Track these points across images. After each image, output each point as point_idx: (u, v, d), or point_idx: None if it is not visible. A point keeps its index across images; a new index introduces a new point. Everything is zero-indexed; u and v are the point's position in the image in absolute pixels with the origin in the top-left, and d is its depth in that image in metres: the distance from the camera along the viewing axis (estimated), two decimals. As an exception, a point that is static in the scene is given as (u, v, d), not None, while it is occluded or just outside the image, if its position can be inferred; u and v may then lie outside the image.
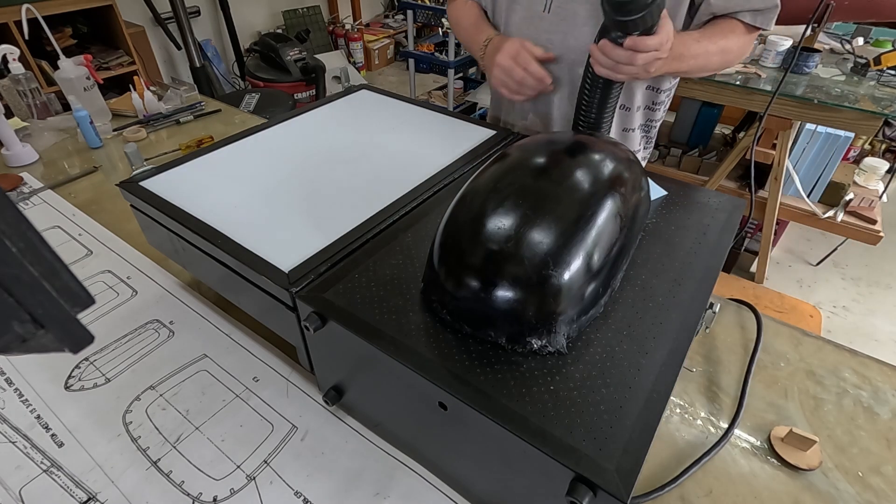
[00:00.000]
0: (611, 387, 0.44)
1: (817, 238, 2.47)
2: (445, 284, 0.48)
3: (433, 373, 0.44)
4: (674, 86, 0.97)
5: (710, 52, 0.80)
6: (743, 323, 0.76)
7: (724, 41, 0.81)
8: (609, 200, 0.50)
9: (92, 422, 0.64)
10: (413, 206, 0.66)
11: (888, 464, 0.59)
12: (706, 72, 0.84)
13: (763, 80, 1.78)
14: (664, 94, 0.95)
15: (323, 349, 0.57)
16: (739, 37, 0.82)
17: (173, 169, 0.75)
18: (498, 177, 0.52)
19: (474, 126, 0.88)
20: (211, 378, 0.69)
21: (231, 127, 1.35)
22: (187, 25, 2.85)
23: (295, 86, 2.97)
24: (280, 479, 0.58)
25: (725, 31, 0.81)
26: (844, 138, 1.88)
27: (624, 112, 0.95)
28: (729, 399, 0.65)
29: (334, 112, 0.93)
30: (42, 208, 1.03)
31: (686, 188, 0.72)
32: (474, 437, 0.45)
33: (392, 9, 4.72)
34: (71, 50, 2.34)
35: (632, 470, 0.37)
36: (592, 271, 0.46)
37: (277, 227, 0.63)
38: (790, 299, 1.50)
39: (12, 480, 0.57)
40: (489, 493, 0.51)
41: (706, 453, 0.58)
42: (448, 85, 3.08)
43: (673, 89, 0.98)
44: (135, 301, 0.81)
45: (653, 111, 0.98)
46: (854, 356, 0.71)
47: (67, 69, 1.25)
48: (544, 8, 0.88)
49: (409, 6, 3.02)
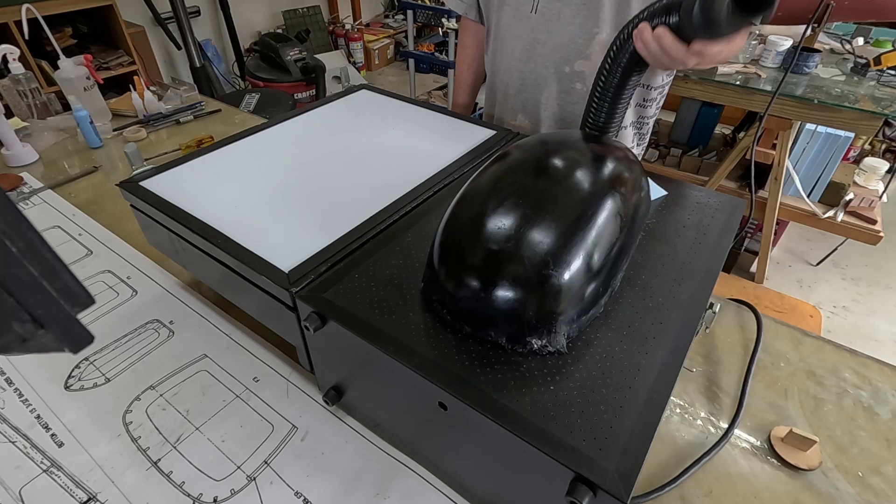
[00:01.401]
0: (611, 387, 0.44)
1: (817, 238, 2.47)
2: (445, 284, 0.48)
3: (433, 373, 0.44)
4: (666, 84, 0.97)
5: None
6: (743, 323, 0.76)
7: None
8: (609, 200, 0.50)
9: (92, 422, 0.63)
10: (413, 206, 0.66)
11: (888, 464, 0.59)
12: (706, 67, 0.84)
13: (763, 80, 1.78)
14: (655, 91, 0.95)
15: (323, 349, 0.57)
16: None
17: (173, 169, 0.75)
18: (498, 177, 0.52)
19: (474, 126, 0.88)
20: (211, 378, 0.69)
21: (231, 127, 1.35)
22: (187, 25, 2.85)
23: (295, 86, 2.97)
24: (280, 479, 0.57)
25: None
26: (844, 138, 1.88)
27: None
28: (729, 399, 0.65)
29: (334, 112, 0.93)
30: (42, 208, 1.03)
31: (686, 188, 0.72)
32: (474, 437, 0.45)
33: (392, 9, 4.72)
34: (71, 50, 2.34)
35: (632, 470, 0.37)
36: (592, 271, 0.46)
37: (278, 227, 0.63)
38: (790, 299, 1.50)
39: (12, 480, 0.57)
40: (489, 493, 0.51)
41: (706, 453, 0.58)
42: (448, 85, 3.08)
43: (666, 87, 0.98)
44: (135, 301, 0.81)
45: (644, 108, 0.98)
46: (854, 356, 0.71)
47: (67, 69, 1.25)
48: (531, 8, 0.90)
49: (409, 6, 3.03)
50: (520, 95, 1.00)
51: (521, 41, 0.94)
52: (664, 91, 0.98)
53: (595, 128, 0.65)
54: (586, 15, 0.86)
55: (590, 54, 0.89)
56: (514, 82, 1.00)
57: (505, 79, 1.02)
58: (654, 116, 1.01)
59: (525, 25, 0.92)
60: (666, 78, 0.96)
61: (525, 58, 0.95)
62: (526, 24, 0.92)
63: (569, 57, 0.91)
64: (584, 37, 0.88)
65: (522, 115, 1.03)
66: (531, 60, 0.95)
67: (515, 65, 0.97)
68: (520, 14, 0.92)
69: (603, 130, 0.65)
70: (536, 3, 0.89)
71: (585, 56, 0.90)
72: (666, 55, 0.58)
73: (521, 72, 0.97)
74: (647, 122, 1.01)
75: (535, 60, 0.95)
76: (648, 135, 1.04)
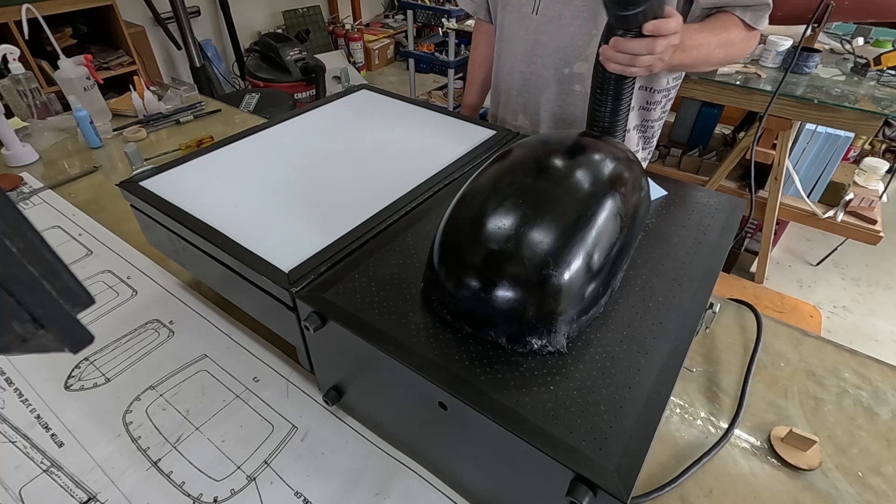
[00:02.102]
0: (611, 387, 0.44)
1: (817, 238, 2.46)
2: (445, 284, 0.48)
3: (433, 373, 0.44)
4: (672, 87, 0.97)
5: (711, 44, 0.78)
6: (743, 323, 0.76)
7: (726, 34, 0.79)
8: (609, 200, 0.50)
9: (92, 422, 0.63)
10: (413, 206, 0.66)
11: (888, 464, 0.59)
12: (709, 65, 0.83)
13: (763, 80, 1.78)
14: (660, 95, 0.95)
15: (323, 349, 0.57)
16: (740, 31, 0.81)
17: (173, 169, 0.75)
18: (498, 177, 0.52)
19: (474, 126, 0.88)
20: (211, 378, 0.69)
21: (231, 127, 1.35)
22: (187, 25, 2.85)
23: (295, 86, 2.97)
24: (280, 479, 0.57)
25: (727, 24, 0.80)
26: (844, 138, 1.88)
27: None
28: (729, 399, 0.65)
29: (334, 112, 0.93)
30: (42, 208, 1.03)
31: (686, 188, 0.72)
32: (474, 437, 0.45)
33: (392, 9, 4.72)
34: (71, 50, 2.34)
35: (632, 470, 0.37)
36: (592, 271, 0.46)
37: (278, 227, 0.63)
38: (790, 299, 1.50)
39: (12, 480, 0.57)
40: (489, 493, 0.51)
41: (706, 453, 0.58)
42: (448, 85, 3.08)
43: (673, 91, 0.98)
44: (135, 301, 0.81)
45: (648, 111, 0.98)
46: (854, 356, 0.71)
47: (67, 69, 1.25)
48: (532, 10, 0.91)
49: (409, 6, 3.02)
50: (521, 96, 1.01)
51: (523, 42, 0.95)
52: (670, 95, 0.98)
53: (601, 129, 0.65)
54: (586, 17, 0.87)
55: (589, 56, 0.90)
56: (515, 83, 1.00)
57: (508, 79, 1.02)
58: (660, 120, 1.01)
59: (527, 26, 0.93)
60: (672, 81, 0.95)
61: (526, 59, 0.96)
62: (527, 26, 0.93)
63: (568, 58, 0.92)
64: (583, 38, 0.88)
65: (523, 116, 1.03)
66: (532, 61, 0.95)
67: (517, 65, 0.98)
68: (522, 15, 0.93)
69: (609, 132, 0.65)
70: (537, 4, 0.90)
71: (584, 58, 0.90)
72: (634, 57, 0.61)
73: (523, 73, 0.98)
74: (652, 125, 1.00)
75: (535, 61, 0.95)
76: (655, 139, 1.04)
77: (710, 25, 0.80)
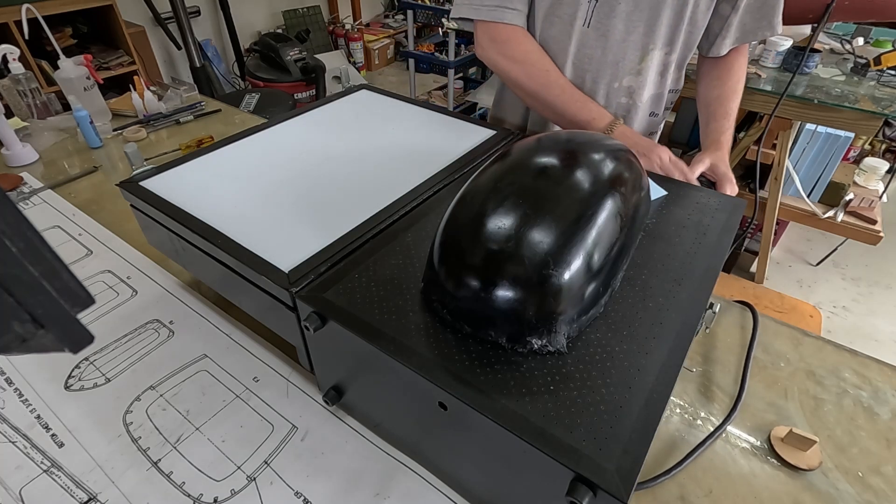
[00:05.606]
0: (611, 387, 0.44)
1: (817, 238, 2.46)
2: (445, 284, 0.48)
3: (433, 373, 0.44)
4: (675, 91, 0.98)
5: (735, 111, 0.90)
6: (743, 323, 0.76)
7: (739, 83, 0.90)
8: (609, 200, 0.50)
9: (92, 422, 0.64)
10: (413, 206, 0.66)
11: (888, 464, 0.59)
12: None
13: (763, 80, 1.78)
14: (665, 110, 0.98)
15: (323, 349, 0.57)
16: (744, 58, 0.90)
17: (173, 169, 0.75)
18: (498, 177, 0.52)
19: (474, 126, 0.88)
20: (211, 378, 0.69)
21: (231, 127, 1.35)
22: (187, 25, 2.85)
23: (295, 86, 2.98)
24: (280, 479, 0.57)
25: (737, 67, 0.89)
26: (844, 138, 1.88)
27: None
28: (729, 399, 0.65)
29: (334, 112, 0.93)
30: (42, 208, 1.03)
31: (686, 188, 0.72)
32: (474, 437, 0.45)
33: (392, 9, 4.72)
34: (71, 50, 2.34)
35: (632, 470, 0.37)
36: (593, 271, 0.46)
37: (277, 227, 0.63)
38: (790, 299, 1.50)
39: (12, 480, 0.57)
40: (489, 493, 0.51)
41: (701, 444, 0.58)
42: (448, 85, 3.08)
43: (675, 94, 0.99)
44: (135, 301, 0.81)
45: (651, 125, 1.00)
46: (854, 356, 0.71)
47: (67, 69, 1.25)
48: (584, 22, 0.85)
49: (409, 6, 3.03)
50: None
51: (570, 56, 0.89)
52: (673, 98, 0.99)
53: None
54: (643, 31, 0.84)
55: (641, 69, 0.88)
56: None
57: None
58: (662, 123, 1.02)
59: (577, 40, 0.87)
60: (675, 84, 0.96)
61: (573, 73, 0.91)
62: (579, 39, 0.87)
63: (619, 73, 0.88)
64: (638, 53, 0.86)
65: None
66: (579, 76, 0.91)
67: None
68: (573, 28, 0.86)
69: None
70: (589, 17, 0.84)
71: (636, 72, 0.88)
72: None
73: None
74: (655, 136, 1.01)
75: (582, 76, 0.90)
76: (656, 139, 1.04)
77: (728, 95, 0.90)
